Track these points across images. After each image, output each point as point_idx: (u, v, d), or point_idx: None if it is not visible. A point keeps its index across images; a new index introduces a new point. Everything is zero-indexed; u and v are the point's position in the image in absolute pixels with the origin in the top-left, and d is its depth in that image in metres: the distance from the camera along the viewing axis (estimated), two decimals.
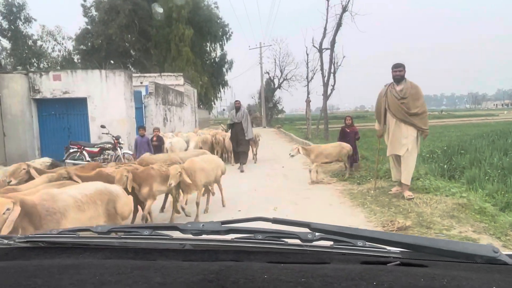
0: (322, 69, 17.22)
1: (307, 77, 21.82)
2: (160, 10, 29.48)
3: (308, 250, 0.92)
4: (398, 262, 0.85)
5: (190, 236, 0.99)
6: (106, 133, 9.83)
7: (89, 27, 31.24)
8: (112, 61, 28.54)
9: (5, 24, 32.00)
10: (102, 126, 9.89)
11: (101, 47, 30.65)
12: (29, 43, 37.20)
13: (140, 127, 8.96)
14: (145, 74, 22.33)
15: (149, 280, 0.72)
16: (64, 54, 38.63)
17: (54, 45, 39.24)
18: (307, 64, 21.27)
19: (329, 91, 17.44)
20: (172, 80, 22.85)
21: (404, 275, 0.73)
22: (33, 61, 36.51)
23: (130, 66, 34.49)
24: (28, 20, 32.45)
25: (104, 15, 29.25)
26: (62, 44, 38.86)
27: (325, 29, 16.58)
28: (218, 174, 5.70)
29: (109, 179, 4.02)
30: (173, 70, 28.52)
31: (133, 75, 21.86)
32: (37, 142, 11.25)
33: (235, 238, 0.98)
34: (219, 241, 0.97)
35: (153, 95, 15.22)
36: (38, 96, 10.99)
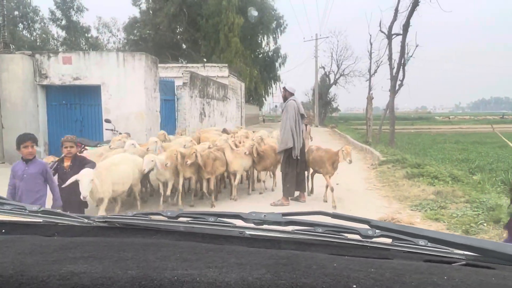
0: (390, 59, 14.17)
1: (369, 70, 18.72)
2: (255, 13, 27.74)
3: (369, 246, 0.91)
4: (463, 262, 0.82)
5: (252, 225, 1.01)
6: (111, 130, 7.86)
7: (137, 16, 30.29)
8: (153, 52, 27.22)
9: (58, 14, 32.16)
10: (107, 121, 7.94)
11: (149, 38, 29.55)
12: (86, 35, 37.56)
13: (24, 137, 3.59)
14: (187, 65, 20.52)
15: (225, 260, 0.74)
16: (119, 46, 38.58)
17: (109, 36, 39.40)
18: (370, 55, 18.18)
19: (396, 87, 14.37)
20: (216, 71, 20.84)
21: (473, 273, 0.71)
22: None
23: (180, 58, 33.31)
24: (80, 9, 32.35)
25: (152, 3, 28.02)
26: (117, 36, 38.87)
27: (396, 10, 13.52)
28: None
29: None
30: (221, 62, 26.65)
31: (174, 65, 20.22)
32: (43, 136, 9.60)
33: (296, 230, 0.99)
34: (279, 232, 0.99)
35: (187, 86, 13.17)
36: (45, 82, 9.30)
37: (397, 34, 13.89)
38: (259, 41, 36.22)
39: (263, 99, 49.23)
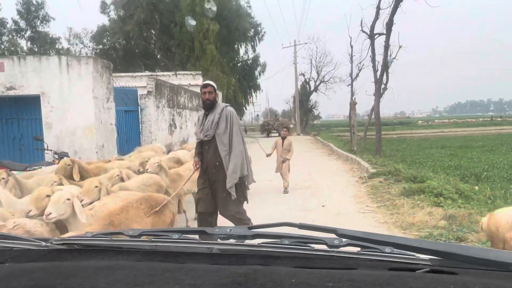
0: (373, 60, 13.13)
1: (351, 75, 17.71)
2: (193, 22, 26.23)
3: (335, 256, 0.91)
4: (427, 269, 0.81)
5: (217, 240, 0.99)
6: (45, 149, 6.42)
7: (106, 24, 28.68)
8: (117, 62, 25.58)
9: (22, 24, 30.21)
10: (38, 139, 6.50)
11: (119, 47, 28.00)
12: (57, 46, 35.75)
13: None
14: (157, 73, 19.12)
15: (179, 281, 0.73)
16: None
17: (81, 48, 37.60)
18: (351, 58, 17.17)
19: (380, 90, 13.34)
20: (189, 79, 19.55)
21: (433, 281, 0.71)
22: None
23: (156, 68, 31.79)
24: (46, 19, 30.49)
25: (121, 10, 26.54)
26: (89, 46, 37.11)
27: (378, 7, 12.53)
28: None
29: None
30: (197, 70, 25.35)
31: (143, 74, 18.80)
32: None
33: (262, 243, 0.97)
34: (246, 246, 0.98)
35: (152, 95, 11.78)
36: None
37: (380, 34, 12.89)
38: (236, 49, 35.14)
39: (244, 108, 48.21)
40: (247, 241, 0.98)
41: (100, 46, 29.31)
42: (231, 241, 0.98)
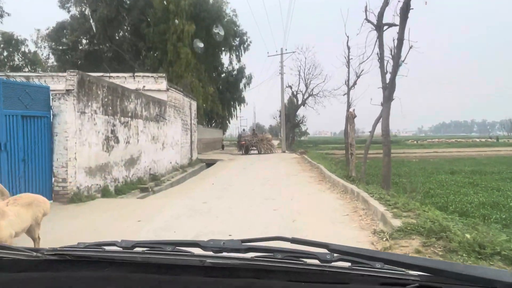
0: (381, 59, 9.90)
1: (347, 82, 14.51)
2: (201, 44, 23.03)
3: (327, 271, 0.92)
4: (416, 284, 0.84)
5: (210, 253, 0.99)
6: None
7: (66, 21, 25.05)
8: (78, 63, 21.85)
9: None
10: None
11: (81, 47, 24.37)
12: (24, 50, 32.11)
13: None
14: (110, 74, 15.56)
15: None
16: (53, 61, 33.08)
17: (50, 51, 33.89)
18: (348, 61, 14.02)
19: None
20: (150, 83, 16.04)
21: None
22: (26, 70, 31.08)
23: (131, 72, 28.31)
24: (0, 15, 26.73)
25: (82, 5, 23.02)
26: (59, 50, 33.43)
27: None
28: None
29: None
30: (170, 77, 21.92)
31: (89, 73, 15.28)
32: None
33: (255, 257, 0.98)
34: (239, 259, 0.98)
35: (72, 95, 8.25)
36: None
37: (391, 25, 9.72)
38: (218, 54, 31.90)
39: (227, 121, 44.85)
40: (240, 255, 0.97)
41: (59, 46, 25.61)
42: (224, 254, 0.97)
